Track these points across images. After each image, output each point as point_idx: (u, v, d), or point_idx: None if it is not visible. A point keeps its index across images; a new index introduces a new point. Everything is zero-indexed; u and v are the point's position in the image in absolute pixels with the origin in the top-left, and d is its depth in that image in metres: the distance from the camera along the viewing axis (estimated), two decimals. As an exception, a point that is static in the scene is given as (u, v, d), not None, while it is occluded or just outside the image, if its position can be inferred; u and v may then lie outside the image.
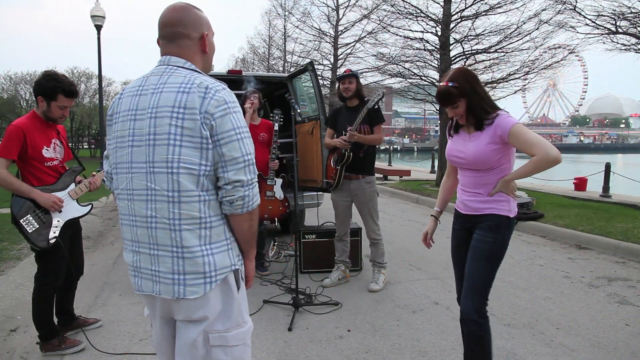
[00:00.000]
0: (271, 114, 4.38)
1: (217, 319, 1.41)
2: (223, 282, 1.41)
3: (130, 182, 1.38)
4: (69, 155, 2.93)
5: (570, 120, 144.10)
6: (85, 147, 35.07)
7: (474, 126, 2.11)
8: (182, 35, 1.42)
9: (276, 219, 4.77)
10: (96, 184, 2.86)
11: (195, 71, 1.41)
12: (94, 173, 2.88)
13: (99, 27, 12.70)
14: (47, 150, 2.67)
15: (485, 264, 2.12)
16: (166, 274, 1.36)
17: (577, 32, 8.67)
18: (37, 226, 2.59)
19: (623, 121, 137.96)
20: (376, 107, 3.72)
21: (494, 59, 10.73)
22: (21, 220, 2.54)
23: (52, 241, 2.63)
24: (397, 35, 11.79)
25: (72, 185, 2.80)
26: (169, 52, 1.43)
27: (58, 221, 2.67)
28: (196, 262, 1.35)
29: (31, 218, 2.57)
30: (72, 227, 2.86)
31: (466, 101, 2.06)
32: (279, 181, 4.46)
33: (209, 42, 1.49)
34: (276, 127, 4.30)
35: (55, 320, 2.88)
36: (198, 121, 1.30)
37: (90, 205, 2.91)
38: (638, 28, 7.62)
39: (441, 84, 2.11)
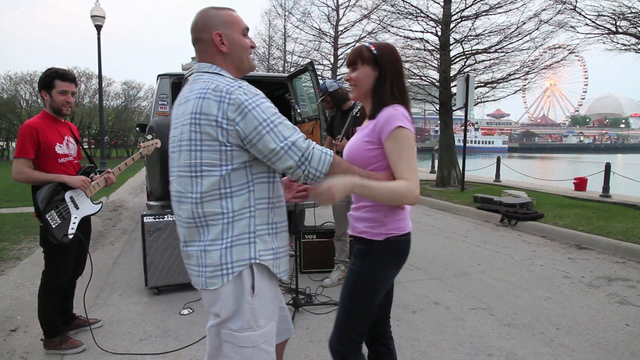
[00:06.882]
0: None
1: (230, 317, 1.44)
2: (237, 280, 1.40)
3: (172, 185, 1.49)
4: (81, 154, 2.99)
5: (570, 120, 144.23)
6: (85, 147, 35.06)
7: (369, 112, 1.67)
8: (196, 41, 1.48)
9: None
10: (112, 180, 2.95)
11: (217, 74, 1.42)
12: (109, 170, 2.97)
13: (99, 27, 12.72)
14: (60, 146, 2.74)
15: (347, 297, 1.76)
16: (194, 267, 1.44)
17: (577, 32, 8.73)
18: (60, 222, 2.67)
19: (623, 121, 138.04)
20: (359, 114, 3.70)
21: (494, 59, 10.76)
22: (47, 216, 2.62)
23: (71, 236, 2.71)
24: (397, 35, 11.83)
25: None
26: (198, 59, 1.52)
27: (75, 217, 2.76)
28: (215, 254, 1.38)
29: (54, 214, 2.66)
30: (84, 226, 2.90)
31: (373, 73, 1.63)
32: None
33: (227, 40, 1.44)
34: None
35: None
36: (215, 126, 1.32)
37: (101, 204, 2.97)
38: (638, 28, 7.64)
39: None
